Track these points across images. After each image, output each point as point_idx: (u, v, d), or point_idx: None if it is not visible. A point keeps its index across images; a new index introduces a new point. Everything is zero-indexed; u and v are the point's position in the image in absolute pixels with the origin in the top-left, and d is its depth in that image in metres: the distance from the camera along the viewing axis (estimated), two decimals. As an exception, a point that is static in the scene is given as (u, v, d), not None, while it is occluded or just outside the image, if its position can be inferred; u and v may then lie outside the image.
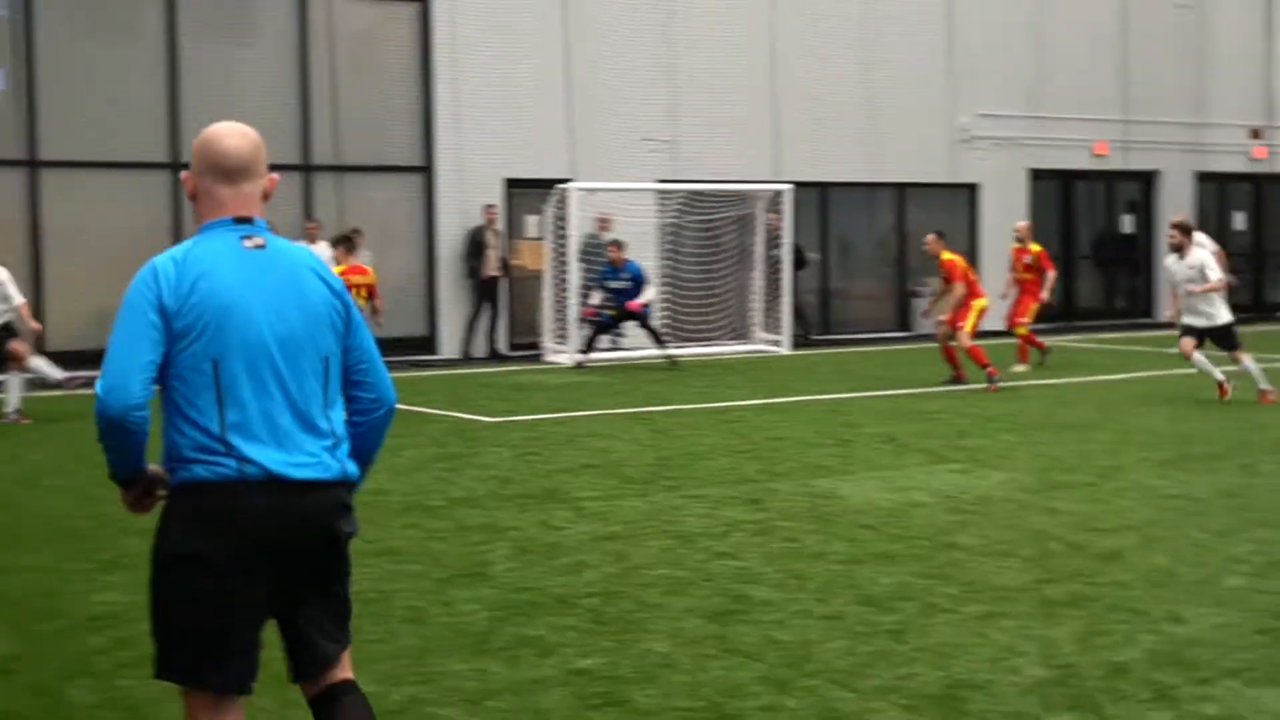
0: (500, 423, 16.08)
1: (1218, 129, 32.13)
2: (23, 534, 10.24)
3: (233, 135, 4.57)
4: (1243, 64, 32.41)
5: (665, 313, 24.53)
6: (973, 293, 19.63)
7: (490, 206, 23.90)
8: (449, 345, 24.05)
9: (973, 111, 28.82)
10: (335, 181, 23.28)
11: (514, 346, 24.31)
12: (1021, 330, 21.74)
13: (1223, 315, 16.81)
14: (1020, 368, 21.46)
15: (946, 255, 19.83)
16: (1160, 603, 8.25)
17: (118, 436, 4.37)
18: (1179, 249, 16.87)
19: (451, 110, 23.92)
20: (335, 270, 16.45)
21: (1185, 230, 16.94)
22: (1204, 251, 16.92)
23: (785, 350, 24.74)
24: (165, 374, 4.38)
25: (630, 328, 22.62)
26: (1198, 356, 16.98)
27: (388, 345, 23.71)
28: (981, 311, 19.63)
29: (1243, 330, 17.86)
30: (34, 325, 18.38)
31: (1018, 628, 7.73)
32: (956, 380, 19.25)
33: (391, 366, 4.95)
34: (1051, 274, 22.17)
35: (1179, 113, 31.50)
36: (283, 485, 4.42)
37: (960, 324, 19.42)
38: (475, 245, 23.70)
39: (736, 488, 11.93)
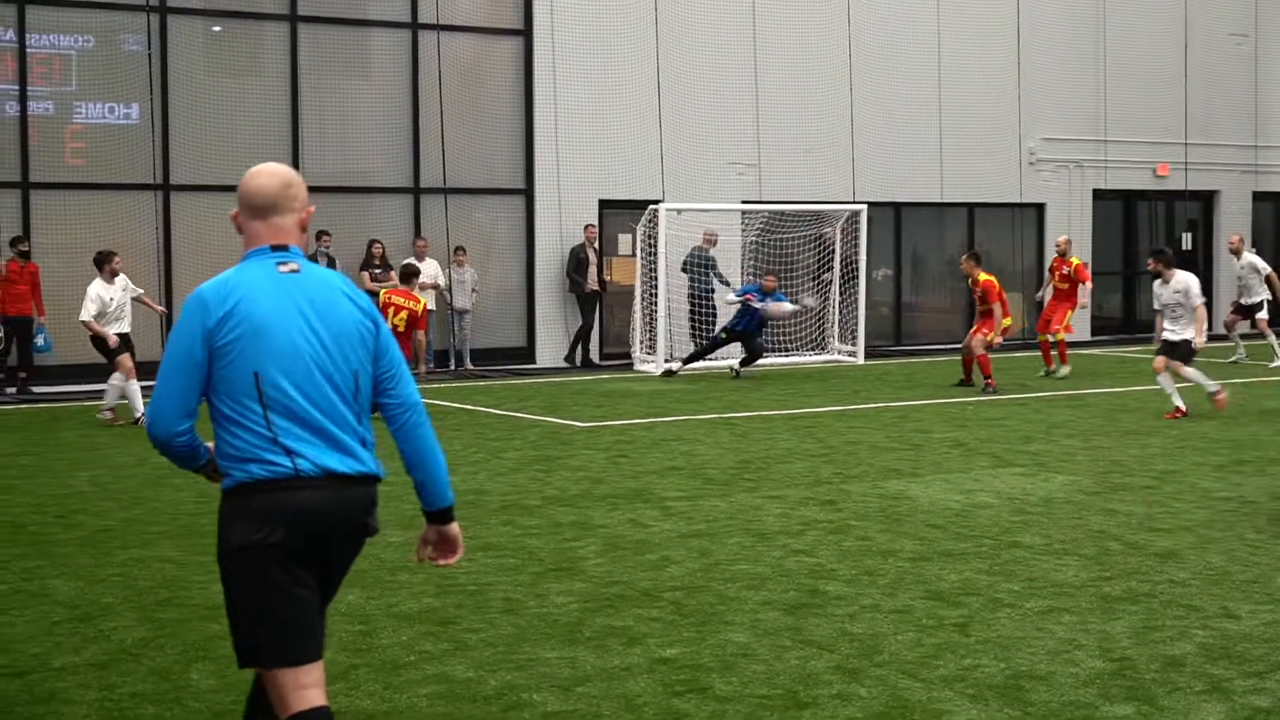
0: (592, 427, 16.11)
1: (1274, 151, 31.63)
2: (151, 529, 10.40)
3: (262, 175, 4.75)
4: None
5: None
6: (1004, 311, 19.85)
7: (590, 226, 23.98)
8: (546, 354, 24.13)
9: (1039, 135, 28.55)
10: (443, 203, 23.44)
11: (606, 356, 24.35)
12: (1060, 336, 21.65)
13: (1188, 333, 16.41)
14: (1065, 369, 21.29)
15: (984, 276, 19.77)
16: (1214, 599, 8.13)
17: (169, 455, 4.69)
18: (1159, 276, 16.55)
19: (550, 136, 24.03)
20: (386, 296, 16.65)
21: (1165, 260, 16.62)
22: (1186, 275, 16.52)
23: (860, 360, 24.61)
24: (212, 387, 4.58)
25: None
26: (1161, 377, 16.51)
27: (490, 354, 23.94)
28: (1005, 330, 20.06)
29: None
30: (158, 308, 18.67)
31: (1077, 622, 7.64)
32: (987, 387, 19.31)
33: (492, 375, 4.99)
34: (1089, 285, 22.17)
35: (1237, 136, 31.05)
36: (333, 479, 4.59)
37: (984, 332, 19.44)
38: (577, 262, 23.77)
39: (812, 489, 11.88)
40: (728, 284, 23.96)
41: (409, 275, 17.38)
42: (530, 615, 7.87)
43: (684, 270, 23.98)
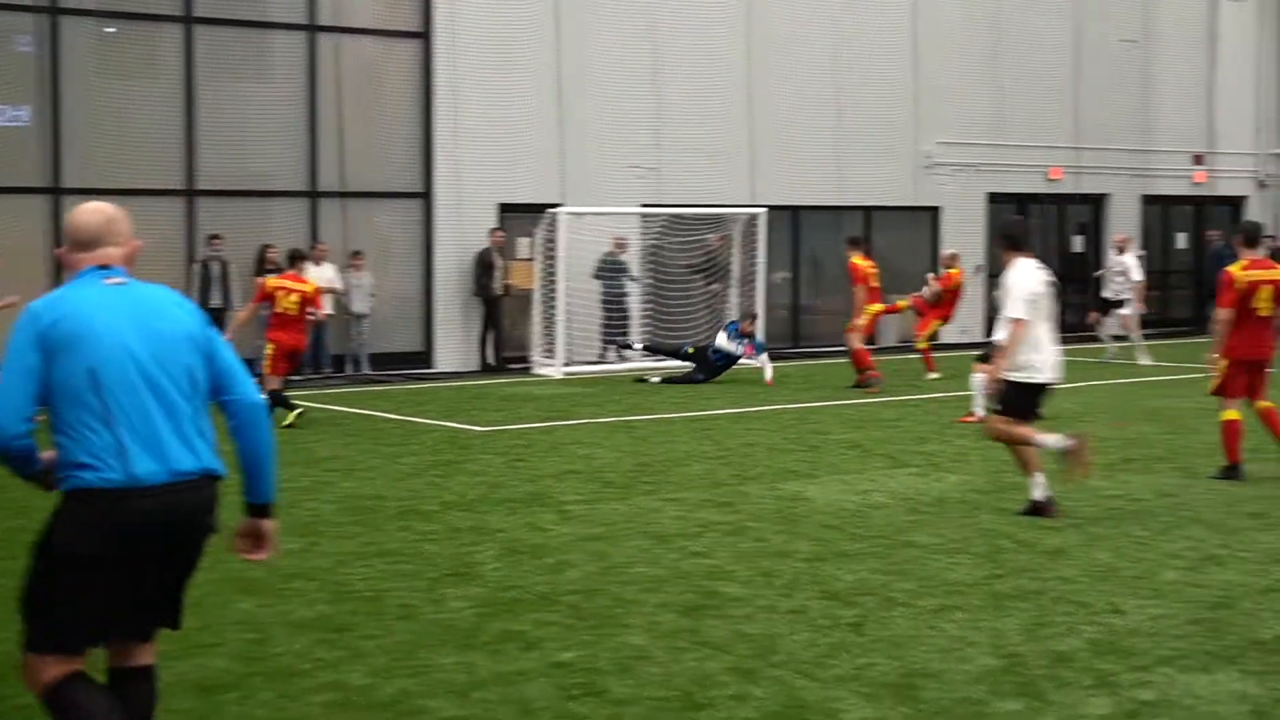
0: (491, 432, 16.07)
1: (1163, 155, 32.21)
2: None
3: (86, 212, 5.07)
4: (1185, 94, 32.51)
5: (646, 328, 24.52)
6: (870, 298, 20.42)
7: (497, 230, 23.91)
8: (444, 359, 24.02)
9: (935, 139, 28.87)
10: (340, 207, 23.27)
11: (504, 360, 24.30)
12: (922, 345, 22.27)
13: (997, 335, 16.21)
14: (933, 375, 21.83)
15: (853, 260, 20.66)
16: (1101, 595, 8.27)
17: (5, 460, 4.86)
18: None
19: (449, 139, 23.93)
20: (273, 281, 16.47)
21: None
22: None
23: (758, 362, 24.69)
24: (49, 394, 4.81)
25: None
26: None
27: (388, 359, 23.74)
28: (874, 316, 20.84)
29: (1184, 343, 17.84)
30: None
31: (969, 620, 7.75)
32: (872, 381, 19.85)
33: (390, 380, 5.04)
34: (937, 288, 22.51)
35: (1127, 140, 31.59)
36: (168, 486, 4.82)
37: (857, 322, 20.21)
38: (485, 266, 23.71)
39: (710, 491, 11.94)
40: (636, 279, 24.16)
41: (295, 259, 17.17)
42: (426, 621, 7.84)
43: (596, 276, 24.01)
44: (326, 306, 21.34)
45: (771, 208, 25.81)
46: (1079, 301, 31.40)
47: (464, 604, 8.18)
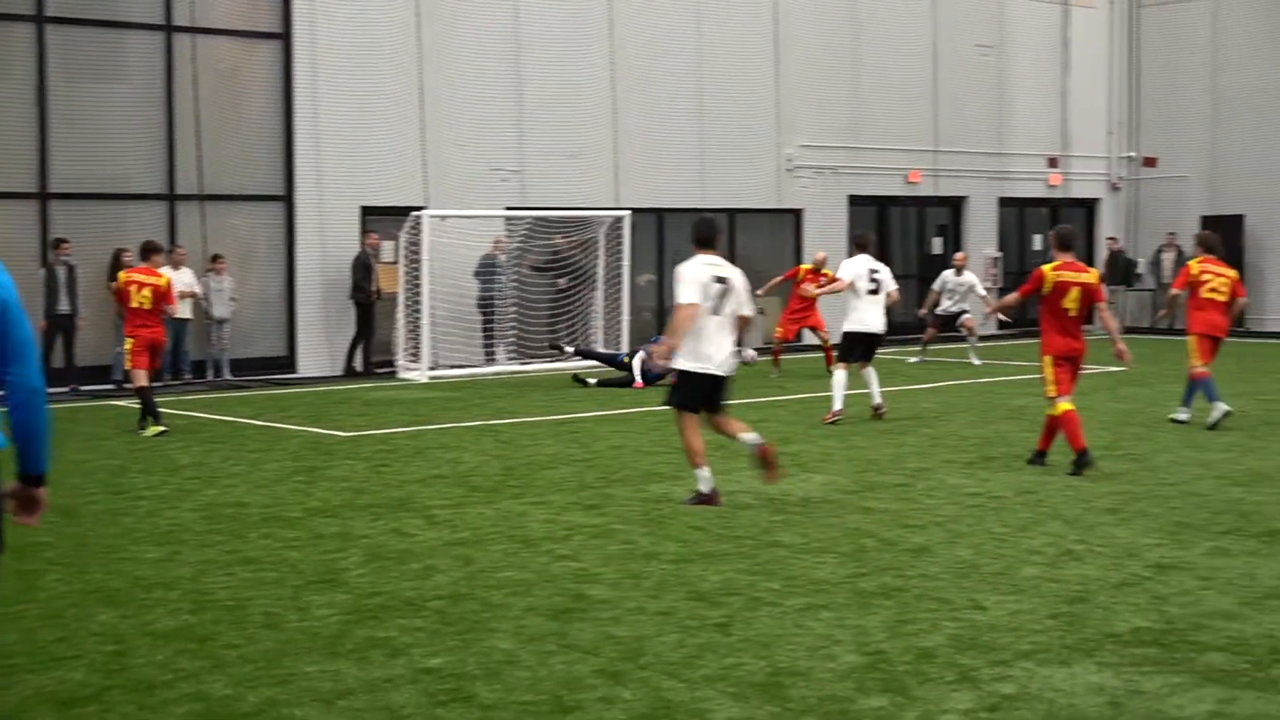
0: (355, 437, 15.91)
1: (1018, 158, 32.87)
2: None
3: None
4: (1040, 99, 33.20)
5: (513, 331, 24.45)
6: None
7: (370, 233, 23.66)
8: (308, 364, 23.74)
9: (797, 142, 29.17)
10: (199, 210, 22.89)
11: (369, 365, 24.08)
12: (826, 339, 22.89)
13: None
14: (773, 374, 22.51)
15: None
16: (963, 592, 8.41)
17: None
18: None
19: (311, 141, 23.65)
20: (124, 276, 16.22)
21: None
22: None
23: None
24: None
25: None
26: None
27: (250, 364, 23.39)
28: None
29: (1025, 344, 18.17)
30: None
31: (834, 618, 7.83)
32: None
33: (252, 385, 5.00)
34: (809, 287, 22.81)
35: (983, 144, 32.18)
36: None
37: None
38: (364, 269, 23.51)
39: (577, 494, 11.93)
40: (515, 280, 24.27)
41: (149, 251, 16.84)
42: (291, 629, 7.73)
43: (476, 275, 24.10)
44: (184, 309, 21.03)
45: (636, 210, 25.91)
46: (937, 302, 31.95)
47: (329, 611, 8.09)
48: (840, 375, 16.79)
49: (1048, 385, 12.90)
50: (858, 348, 16.96)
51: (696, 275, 11.20)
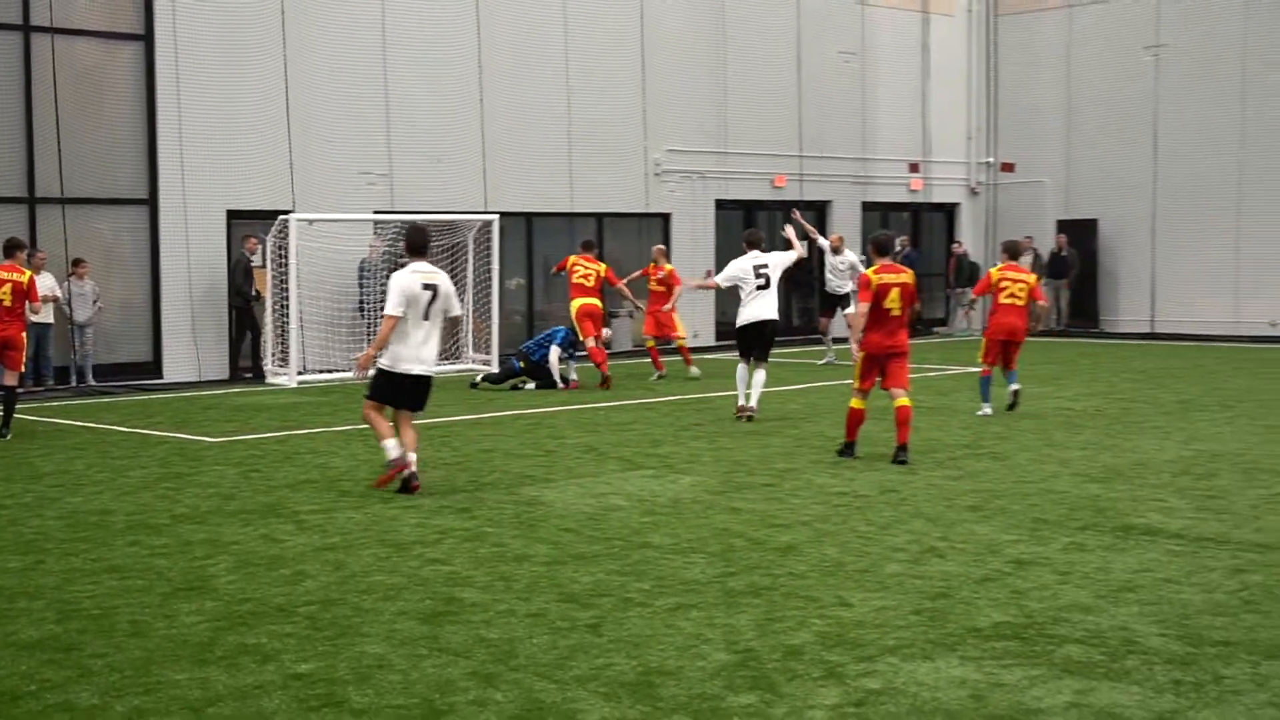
0: (223, 442, 15.70)
1: (880, 164, 33.34)
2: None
3: None
4: (901, 105, 33.69)
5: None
6: (573, 294, 22.08)
7: (251, 237, 23.30)
8: (174, 369, 23.35)
9: (664, 147, 29.30)
10: (60, 214, 22.42)
11: (236, 370, 23.76)
12: (682, 340, 23.60)
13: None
14: (695, 370, 23.00)
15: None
16: (830, 590, 8.52)
17: None
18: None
19: (174, 144, 23.26)
20: None
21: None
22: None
23: (495, 369, 24.70)
24: None
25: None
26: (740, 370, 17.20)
27: (115, 370, 22.90)
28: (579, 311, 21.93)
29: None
30: None
31: (704, 617, 7.89)
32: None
33: (117, 391, 4.89)
34: (679, 289, 23.26)
35: (847, 149, 32.59)
36: None
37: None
38: (246, 273, 23.22)
39: (448, 497, 11.89)
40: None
41: (11, 248, 16.49)
42: (159, 637, 7.62)
43: (361, 277, 24.22)
44: (46, 314, 20.57)
45: (505, 214, 25.87)
46: (803, 305, 32.34)
47: (198, 619, 7.99)
48: (741, 370, 16.94)
49: (854, 379, 14.05)
50: (754, 342, 16.93)
51: (405, 285, 11.98)
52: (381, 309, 24.04)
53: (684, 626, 7.71)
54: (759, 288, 17.01)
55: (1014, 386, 17.63)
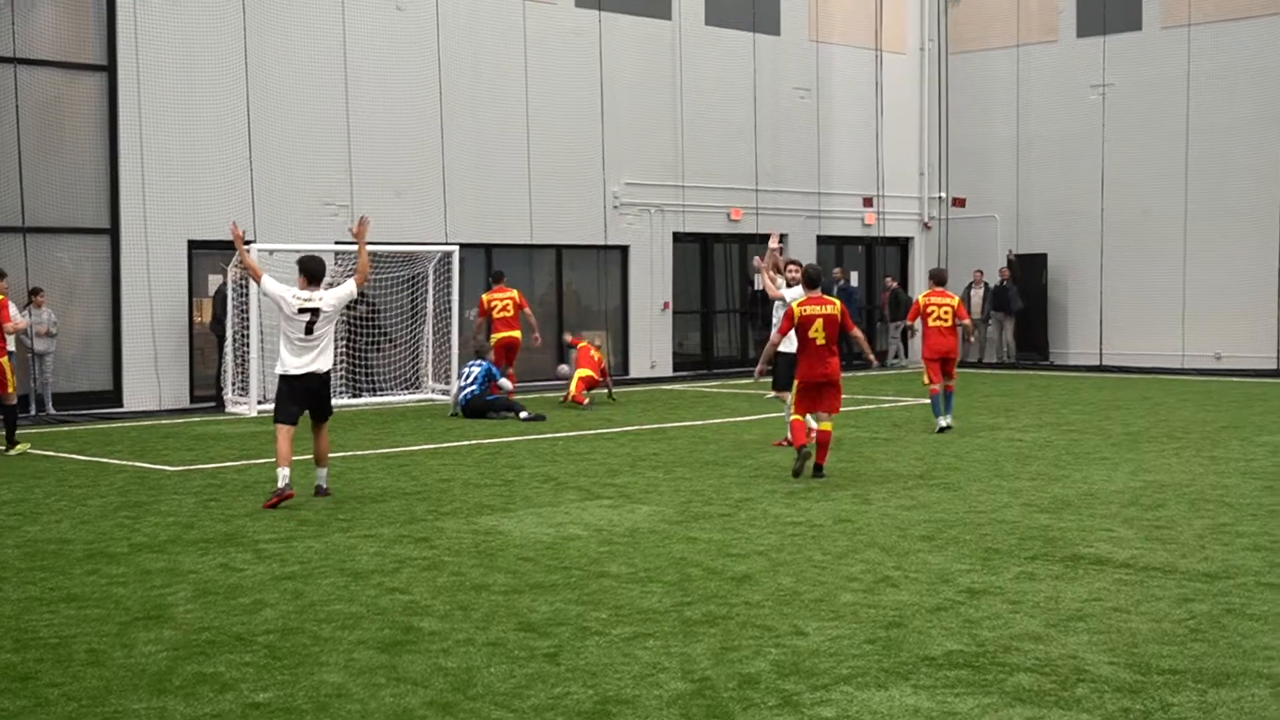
0: (183, 471, 15.59)
1: (835, 198, 33.46)
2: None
3: None
4: (855, 140, 33.85)
5: (343, 364, 24.18)
6: (495, 327, 22.90)
7: (227, 267, 23.19)
8: (134, 398, 23.17)
9: (622, 180, 29.35)
10: (21, 243, 22.24)
11: (197, 399, 23.60)
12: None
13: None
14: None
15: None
16: (785, 619, 8.50)
17: None
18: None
19: (136, 174, 23.14)
20: None
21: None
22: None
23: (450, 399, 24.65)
24: None
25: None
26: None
27: (75, 399, 22.73)
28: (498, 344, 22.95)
29: (859, 376, 18.56)
30: None
31: (661, 646, 7.86)
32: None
33: (76, 419, 4.83)
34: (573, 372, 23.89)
35: (802, 183, 32.70)
36: None
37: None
38: (223, 302, 23.15)
39: (407, 527, 11.84)
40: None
41: None
42: (116, 666, 7.54)
43: None
44: (9, 343, 20.38)
45: (465, 245, 25.84)
46: (760, 336, 32.38)
47: (156, 648, 7.90)
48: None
49: (791, 405, 14.90)
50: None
51: (277, 292, 13.35)
52: (343, 339, 24.27)
53: (641, 655, 7.68)
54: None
55: (945, 422, 18.79)
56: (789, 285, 17.51)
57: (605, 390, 24.26)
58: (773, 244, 18.31)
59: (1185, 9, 31.37)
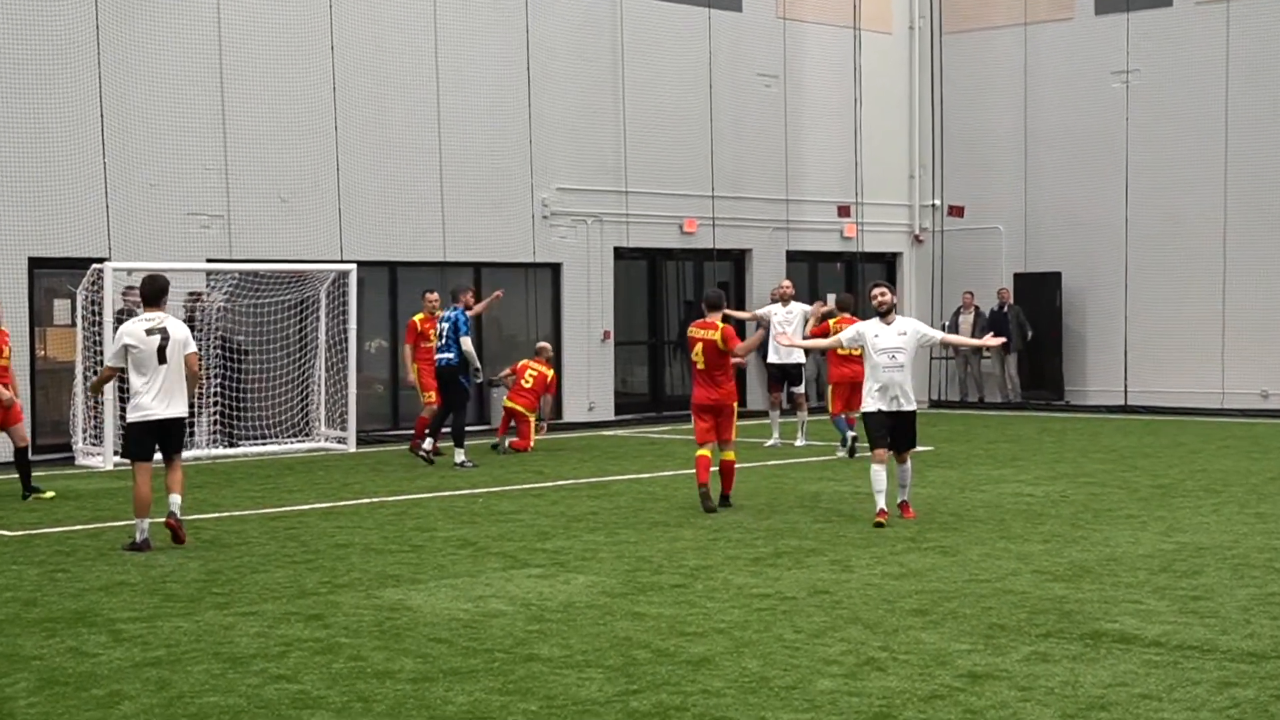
0: (23, 536, 15.50)
1: (807, 206, 33.38)
2: None
3: None
4: (832, 138, 33.89)
5: (217, 406, 24.08)
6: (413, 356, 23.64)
7: (128, 288, 22.81)
8: (-36, 449, 22.98)
9: (553, 185, 29.35)
10: None
11: (37, 449, 23.43)
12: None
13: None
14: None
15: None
16: (751, 710, 8.54)
17: None
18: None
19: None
20: None
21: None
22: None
23: (351, 447, 24.62)
24: None
25: None
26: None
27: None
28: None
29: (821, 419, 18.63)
30: None
31: (602, 744, 7.88)
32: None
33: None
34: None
35: (768, 189, 32.64)
36: None
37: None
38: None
39: (295, 602, 11.81)
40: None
41: None
42: (-57, 773, 7.50)
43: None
44: None
45: (363, 264, 25.81)
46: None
47: (-9, 751, 7.87)
48: (876, 470, 15.87)
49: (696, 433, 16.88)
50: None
51: (126, 331, 14.39)
52: (216, 367, 24.17)
53: (578, 755, 7.70)
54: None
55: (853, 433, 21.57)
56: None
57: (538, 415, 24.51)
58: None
59: (1222, -18, 31.63)
